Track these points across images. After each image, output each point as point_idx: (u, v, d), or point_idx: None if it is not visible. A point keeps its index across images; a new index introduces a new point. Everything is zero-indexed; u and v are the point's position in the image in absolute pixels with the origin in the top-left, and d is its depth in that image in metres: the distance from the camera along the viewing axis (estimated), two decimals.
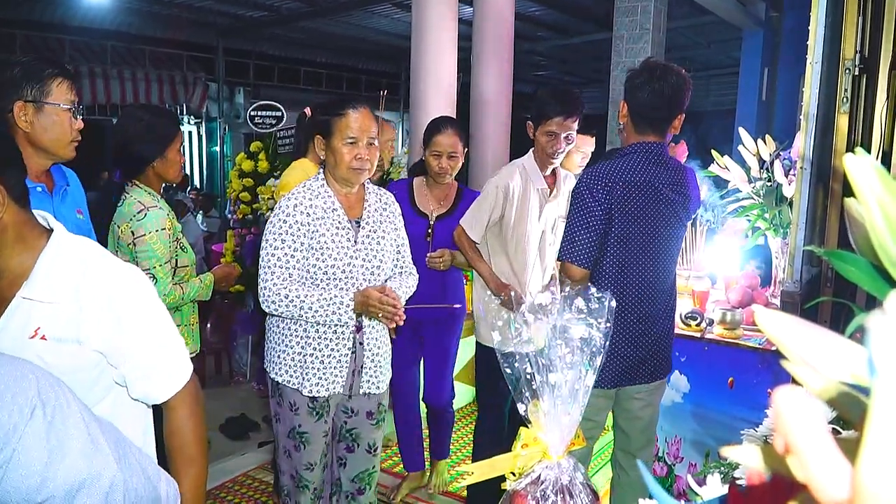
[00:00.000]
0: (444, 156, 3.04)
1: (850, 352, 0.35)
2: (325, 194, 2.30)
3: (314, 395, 2.32)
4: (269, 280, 2.23)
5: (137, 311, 1.42)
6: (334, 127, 2.24)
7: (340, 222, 2.30)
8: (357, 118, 2.24)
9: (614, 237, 2.26)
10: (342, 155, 2.23)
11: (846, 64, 2.01)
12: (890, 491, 0.26)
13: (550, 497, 1.31)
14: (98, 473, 1.00)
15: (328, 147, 2.27)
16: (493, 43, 5.66)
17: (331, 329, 2.32)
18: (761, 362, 2.35)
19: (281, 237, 2.23)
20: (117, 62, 10.22)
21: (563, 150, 2.78)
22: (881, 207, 0.41)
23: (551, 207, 2.90)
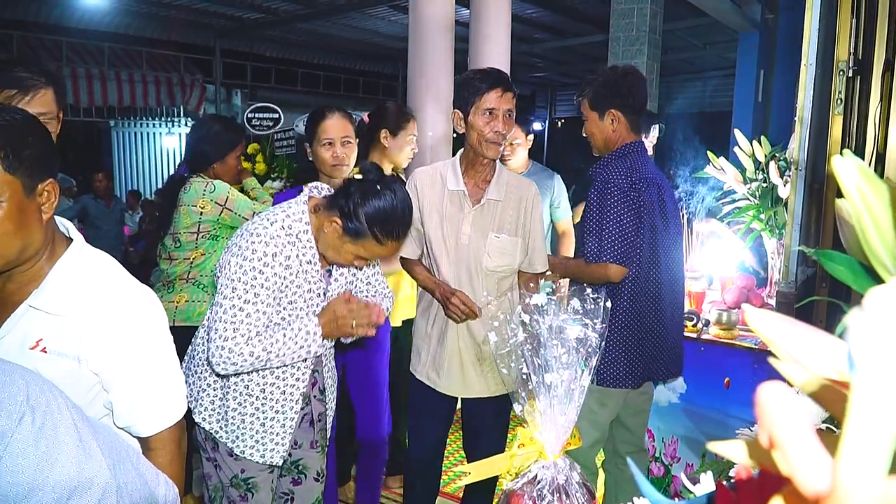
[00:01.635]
0: (338, 143, 2.62)
1: (838, 349, 0.36)
2: (308, 245, 1.97)
3: (247, 458, 2.03)
4: (230, 339, 1.85)
5: (142, 339, 1.37)
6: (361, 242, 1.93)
7: (314, 276, 2.01)
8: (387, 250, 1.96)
9: (643, 235, 2.30)
10: (346, 257, 1.96)
11: (840, 66, 2.02)
12: (867, 483, 0.27)
13: (547, 496, 1.31)
14: (89, 480, 0.98)
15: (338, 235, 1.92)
16: (490, 45, 5.66)
17: (279, 389, 2.03)
18: (757, 362, 2.36)
19: (254, 290, 1.86)
20: (114, 64, 10.22)
21: (505, 132, 2.35)
22: (868, 208, 0.42)
23: (480, 217, 2.40)
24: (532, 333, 1.36)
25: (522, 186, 2.47)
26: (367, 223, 1.86)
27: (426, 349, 2.49)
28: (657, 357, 2.38)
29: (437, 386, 2.46)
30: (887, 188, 0.42)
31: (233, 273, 1.87)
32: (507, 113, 2.35)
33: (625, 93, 2.41)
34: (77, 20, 9.55)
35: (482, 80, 2.35)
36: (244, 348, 1.84)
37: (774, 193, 2.79)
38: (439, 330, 2.45)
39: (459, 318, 2.33)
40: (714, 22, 8.05)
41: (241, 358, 1.85)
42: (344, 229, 1.89)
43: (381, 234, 1.87)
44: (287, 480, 2.23)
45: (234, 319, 1.85)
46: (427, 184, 2.44)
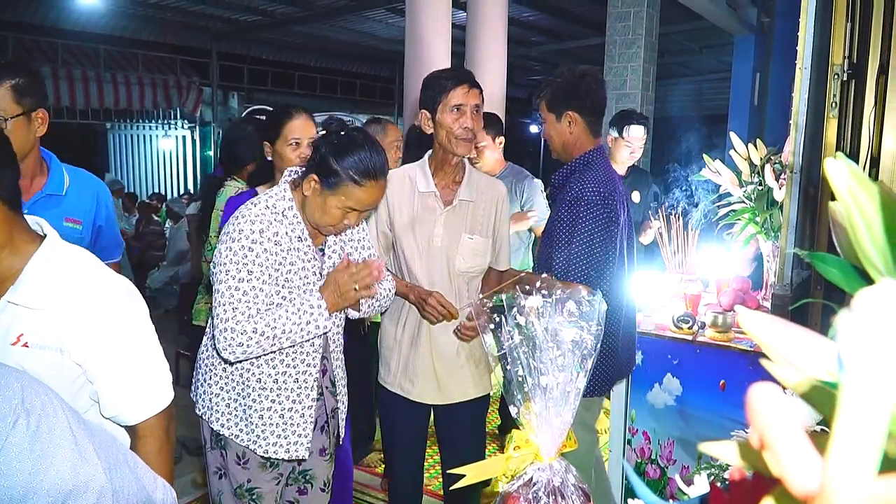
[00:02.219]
0: (305, 143, 2.52)
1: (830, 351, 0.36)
2: (296, 221, 1.96)
3: (271, 456, 2.00)
4: (231, 319, 1.82)
5: (122, 327, 1.38)
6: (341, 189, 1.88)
7: (307, 253, 1.98)
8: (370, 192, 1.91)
9: (612, 253, 2.30)
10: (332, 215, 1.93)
11: (835, 69, 2.03)
12: (855, 484, 0.27)
13: (542, 499, 1.31)
14: (85, 484, 0.98)
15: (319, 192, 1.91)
16: (487, 47, 5.67)
17: (292, 377, 2.00)
18: (752, 364, 2.36)
19: (247, 267, 1.85)
20: (111, 66, 10.22)
21: (473, 128, 2.29)
22: (859, 209, 0.42)
23: (452, 218, 2.37)
24: (527, 335, 1.36)
25: (492, 186, 2.46)
26: (340, 168, 1.85)
27: (396, 357, 2.43)
28: (624, 361, 2.45)
29: (410, 395, 2.41)
30: (878, 190, 0.42)
31: (224, 258, 1.86)
32: (474, 108, 2.30)
33: (582, 94, 2.38)
34: (73, 22, 9.55)
35: (447, 78, 2.31)
36: (246, 325, 1.82)
37: (770, 196, 2.80)
38: (410, 336, 2.40)
39: (436, 320, 2.29)
40: (710, 25, 8.08)
41: (246, 336, 1.82)
42: (322, 184, 1.88)
43: (358, 175, 1.85)
44: (293, 490, 2.20)
45: (232, 300, 1.83)
46: (396, 187, 2.37)
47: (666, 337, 2.56)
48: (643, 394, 2.61)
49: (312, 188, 1.90)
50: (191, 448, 4.12)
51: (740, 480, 0.41)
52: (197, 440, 4.11)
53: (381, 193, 1.94)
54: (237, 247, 1.86)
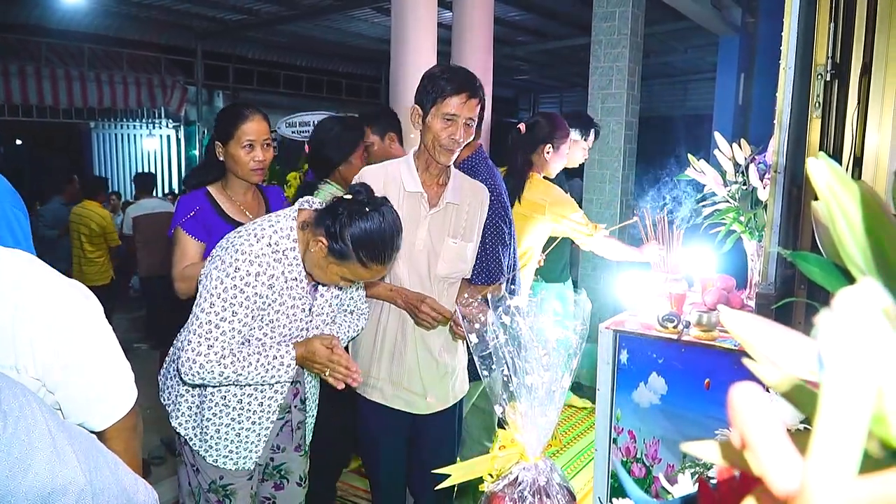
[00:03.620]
0: (259, 146, 2.45)
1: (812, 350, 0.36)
2: (294, 262, 1.93)
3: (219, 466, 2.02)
4: (202, 355, 1.81)
5: (78, 335, 1.30)
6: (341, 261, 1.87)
7: (299, 292, 1.96)
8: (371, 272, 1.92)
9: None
10: (331, 276, 1.91)
11: (818, 69, 2.04)
12: (836, 483, 0.27)
13: (528, 498, 1.31)
14: (64, 487, 0.96)
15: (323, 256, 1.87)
16: (473, 47, 5.67)
17: (257, 401, 2.01)
18: (737, 363, 2.37)
19: (233, 308, 1.82)
20: (95, 65, 10.14)
21: (462, 140, 2.23)
22: (841, 208, 0.42)
23: (437, 221, 2.31)
24: (513, 335, 1.36)
25: (477, 190, 2.42)
26: (352, 245, 1.81)
27: (376, 366, 2.36)
28: None
29: (392, 403, 2.36)
30: (859, 189, 0.42)
31: (213, 288, 1.82)
32: (467, 121, 2.22)
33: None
34: (57, 21, 9.47)
35: (448, 81, 2.21)
36: (215, 367, 1.82)
37: (754, 196, 2.81)
38: (392, 343, 2.34)
39: (432, 326, 2.25)
40: (695, 26, 8.12)
41: (211, 375, 1.83)
42: (329, 250, 1.84)
43: (366, 258, 1.83)
44: (269, 485, 2.20)
45: (208, 336, 1.81)
46: (378, 186, 2.25)
47: (651, 336, 2.57)
48: (628, 393, 2.62)
49: (318, 248, 1.86)
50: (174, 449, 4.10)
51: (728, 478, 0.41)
52: None
53: (384, 272, 1.93)
54: (230, 284, 1.82)
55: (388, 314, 2.34)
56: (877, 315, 0.28)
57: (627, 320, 2.72)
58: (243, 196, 2.61)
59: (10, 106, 9.37)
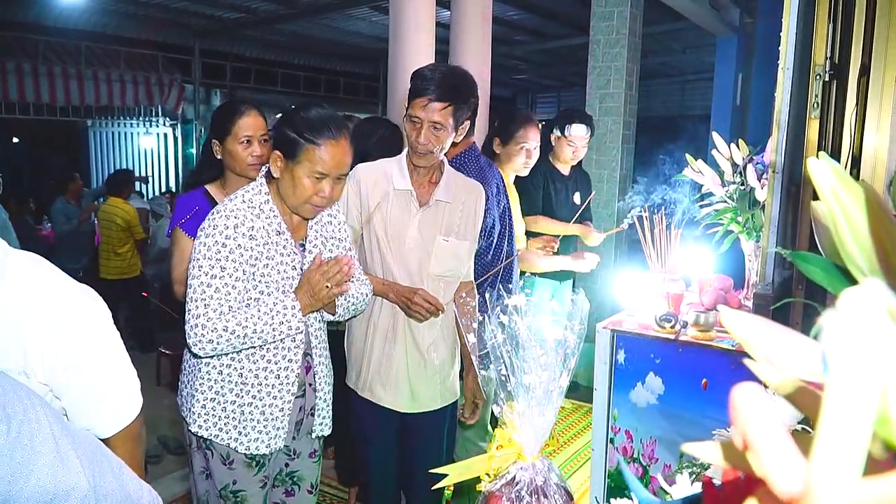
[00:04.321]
0: (256, 141, 2.44)
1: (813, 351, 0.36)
2: (272, 214, 1.94)
3: (253, 452, 2.00)
4: (202, 316, 1.83)
5: (86, 339, 1.30)
6: (303, 154, 1.87)
7: (286, 248, 1.96)
8: (333, 152, 1.89)
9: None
10: (304, 186, 1.88)
11: (817, 70, 2.04)
12: (840, 486, 0.27)
13: (525, 498, 1.31)
14: (66, 492, 0.95)
15: (285, 167, 1.90)
16: (471, 46, 5.67)
17: (273, 373, 1.98)
18: (734, 364, 2.37)
19: (220, 263, 1.85)
20: (92, 63, 10.11)
21: (430, 145, 2.18)
22: (843, 209, 0.42)
23: (428, 219, 2.29)
24: (511, 334, 1.35)
25: (471, 188, 2.40)
26: (295, 134, 1.87)
27: (366, 362, 2.35)
28: None
29: (381, 401, 2.34)
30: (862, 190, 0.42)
31: (198, 253, 1.87)
32: (433, 125, 2.16)
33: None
34: (54, 19, 9.44)
35: (417, 81, 2.19)
36: (217, 323, 1.83)
37: (752, 196, 2.82)
38: (382, 339, 2.32)
39: (424, 318, 2.24)
40: (693, 26, 8.12)
41: (216, 334, 1.83)
42: (284, 155, 1.90)
43: (313, 134, 1.86)
44: (280, 491, 2.19)
45: (203, 296, 1.84)
46: (370, 182, 2.30)
47: (648, 336, 2.57)
48: (625, 393, 2.62)
49: (279, 167, 1.91)
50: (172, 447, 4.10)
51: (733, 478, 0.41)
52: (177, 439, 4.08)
53: (345, 153, 1.91)
54: (211, 242, 1.86)
55: (379, 310, 2.32)
56: (881, 316, 0.28)
57: (625, 320, 2.72)
58: None
59: (6, 104, 9.33)
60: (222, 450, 2.01)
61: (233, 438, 1.99)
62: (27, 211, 8.05)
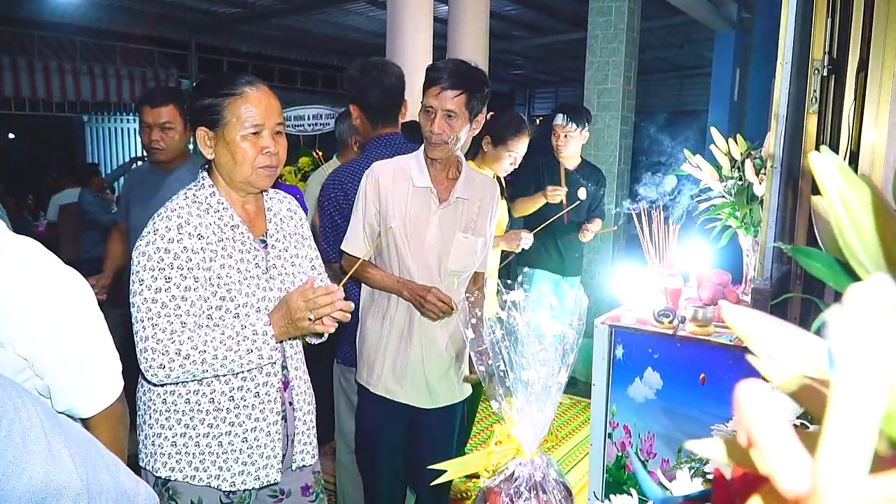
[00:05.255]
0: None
1: (814, 346, 0.36)
2: (222, 207, 1.70)
3: (237, 488, 1.71)
4: (151, 338, 1.56)
5: (70, 319, 1.34)
6: (227, 113, 1.64)
7: (245, 243, 1.71)
8: (258, 97, 1.66)
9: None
10: (243, 149, 1.65)
11: (815, 65, 2.04)
12: (847, 483, 0.27)
13: (524, 494, 1.31)
14: (59, 491, 0.94)
15: (219, 140, 1.67)
16: (469, 41, 5.66)
17: (251, 392, 1.70)
18: (732, 359, 2.38)
19: (164, 273, 1.57)
20: (87, 58, 10.08)
21: (444, 134, 2.17)
22: (844, 204, 0.41)
23: (447, 216, 2.28)
24: (509, 330, 1.35)
25: (487, 185, 2.40)
26: (210, 96, 1.65)
27: (381, 359, 2.32)
28: None
29: (396, 397, 2.33)
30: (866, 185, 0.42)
31: (137, 265, 1.60)
32: (447, 113, 2.16)
33: (364, 87, 2.59)
34: (49, 14, 9.41)
35: (430, 72, 2.20)
36: (168, 346, 1.56)
37: (750, 191, 2.82)
38: (399, 334, 2.31)
39: (437, 316, 2.24)
40: (691, 21, 8.11)
41: (167, 358, 1.55)
42: (209, 127, 1.67)
43: (229, 88, 1.65)
44: None
45: (150, 314, 1.57)
46: (388, 179, 2.26)
47: (647, 331, 2.57)
48: (624, 388, 2.62)
49: (208, 144, 1.69)
50: None
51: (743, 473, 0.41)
52: None
53: (271, 97, 1.69)
54: (151, 250, 1.59)
55: (395, 306, 2.32)
56: (888, 311, 0.28)
57: (623, 315, 2.72)
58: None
59: (2, 100, 9.31)
60: (193, 495, 1.70)
61: (213, 476, 1.69)
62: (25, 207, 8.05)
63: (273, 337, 1.64)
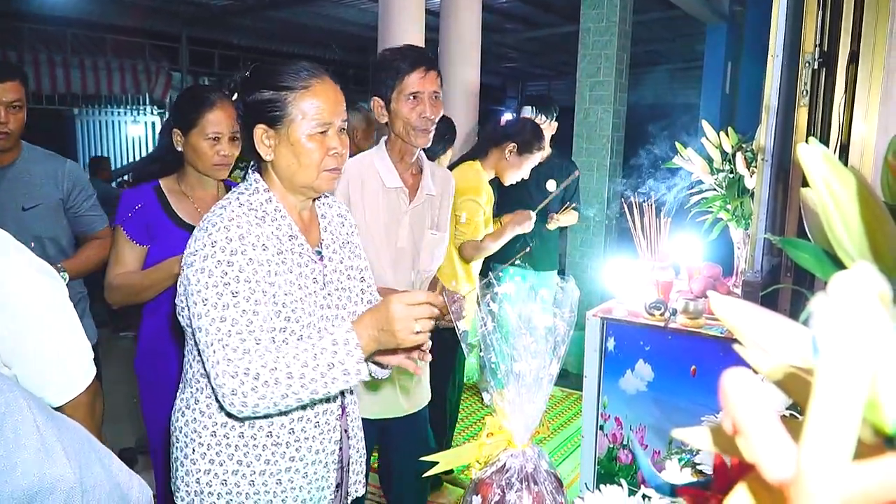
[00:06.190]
0: (226, 139, 2.18)
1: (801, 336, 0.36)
2: (278, 214, 1.52)
3: None
4: (222, 361, 1.36)
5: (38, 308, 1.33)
6: (292, 108, 1.46)
7: (303, 255, 1.53)
8: (325, 91, 1.49)
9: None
10: (309, 150, 1.47)
11: (806, 58, 2.04)
12: (830, 470, 0.27)
13: (515, 485, 1.32)
14: (52, 485, 0.93)
15: (281, 140, 1.48)
16: (461, 34, 5.65)
17: (311, 422, 1.54)
18: (723, 350, 2.39)
19: (229, 288, 1.39)
20: (78, 50, 10.01)
21: (434, 117, 2.11)
22: (831, 193, 0.42)
23: (416, 214, 2.22)
24: (501, 322, 1.35)
25: (447, 177, 2.39)
26: (273, 89, 1.47)
27: None
28: None
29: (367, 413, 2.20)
30: (852, 175, 0.42)
31: (197, 284, 1.41)
32: (433, 95, 2.11)
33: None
34: (39, 6, 9.34)
35: (402, 60, 2.11)
36: (238, 365, 1.36)
37: (741, 184, 2.82)
38: None
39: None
40: (683, 14, 8.11)
41: (238, 381, 1.35)
42: (269, 124, 1.48)
43: (296, 80, 1.47)
44: None
45: (219, 335, 1.38)
46: (356, 181, 2.17)
47: (638, 323, 2.58)
48: (615, 380, 2.63)
49: (268, 144, 1.50)
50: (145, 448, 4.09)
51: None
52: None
53: (338, 92, 1.54)
54: (211, 265, 1.40)
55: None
56: (872, 300, 0.28)
57: (615, 308, 2.72)
58: (202, 193, 2.30)
59: None
60: None
61: None
62: None
63: (359, 347, 1.39)
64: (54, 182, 2.57)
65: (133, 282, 2.17)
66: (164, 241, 2.17)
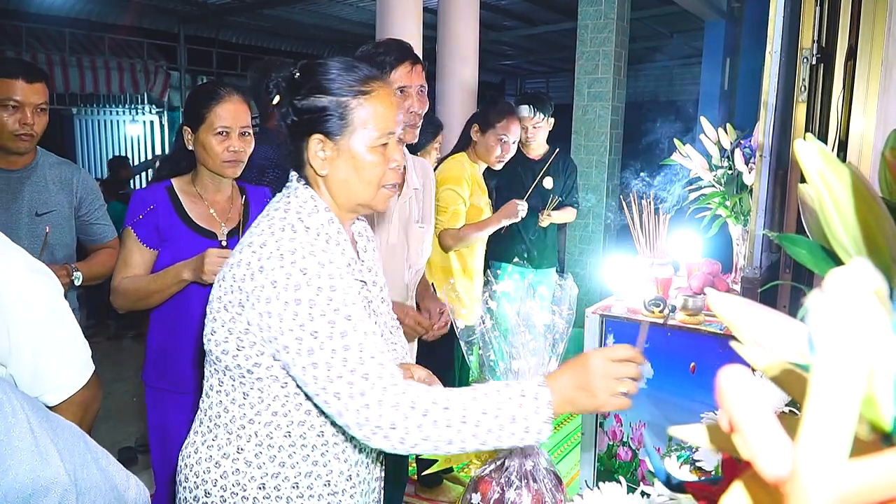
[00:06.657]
0: (235, 133, 2.10)
1: (799, 333, 0.36)
2: (339, 237, 1.35)
3: None
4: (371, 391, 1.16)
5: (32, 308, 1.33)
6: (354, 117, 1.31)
7: (357, 277, 1.39)
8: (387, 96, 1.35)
9: None
10: (371, 164, 1.32)
11: (804, 53, 2.04)
12: (827, 467, 0.27)
13: (515, 483, 1.32)
14: (45, 487, 0.92)
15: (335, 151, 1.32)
16: (459, 32, 5.64)
17: (366, 467, 1.44)
18: (722, 347, 2.39)
19: (340, 314, 1.21)
20: (76, 50, 10.00)
21: (420, 111, 2.06)
22: (827, 188, 0.41)
23: (402, 209, 2.19)
24: (499, 320, 1.35)
25: (426, 168, 2.35)
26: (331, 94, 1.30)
27: None
28: None
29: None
30: (848, 171, 0.42)
31: (292, 321, 1.20)
32: (420, 89, 2.06)
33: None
34: (37, 5, 9.33)
35: (387, 55, 2.04)
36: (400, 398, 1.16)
37: (740, 180, 2.82)
38: None
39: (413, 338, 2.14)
40: (681, 10, 8.11)
41: (400, 414, 1.15)
42: (327, 134, 1.31)
43: (358, 84, 1.31)
44: None
45: (350, 365, 1.17)
46: None
47: (637, 320, 2.58)
48: None
49: (324, 157, 1.32)
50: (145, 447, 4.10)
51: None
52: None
53: (393, 96, 1.37)
54: (310, 294, 1.19)
55: None
56: (868, 296, 0.28)
57: (614, 305, 2.72)
58: (214, 195, 2.24)
59: None
60: None
61: None
62: None
63: (549, 406, 1.17)
64: (69, 190, 2.55)
65: (139, 286, 2.11)
66: (174, 244, 2.12)
